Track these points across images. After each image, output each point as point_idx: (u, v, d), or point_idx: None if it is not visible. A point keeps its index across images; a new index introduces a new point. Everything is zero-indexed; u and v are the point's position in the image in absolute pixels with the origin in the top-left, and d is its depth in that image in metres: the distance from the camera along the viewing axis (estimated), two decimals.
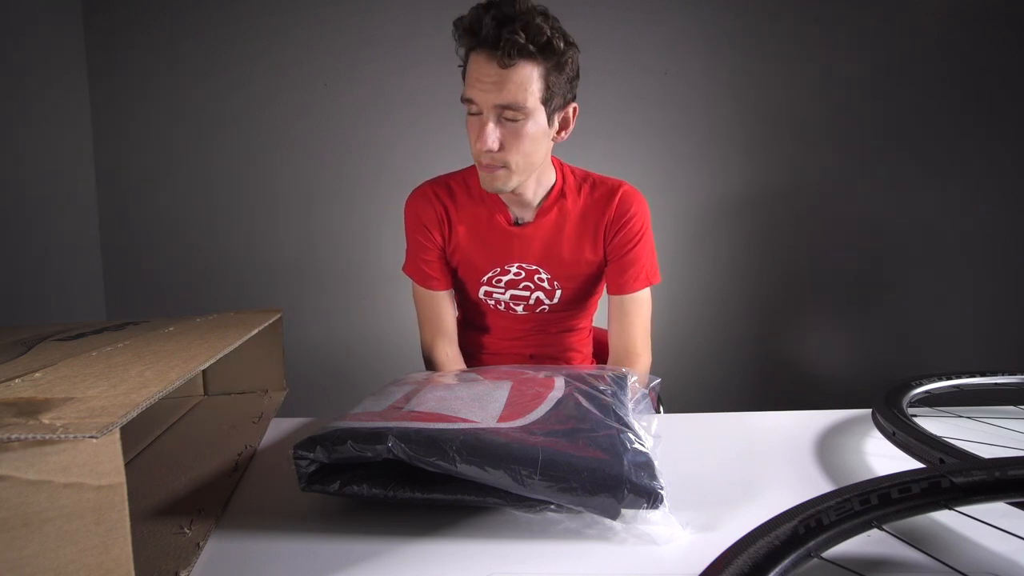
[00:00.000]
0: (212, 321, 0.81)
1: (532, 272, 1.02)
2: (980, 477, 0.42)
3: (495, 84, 0.81)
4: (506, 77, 0.81)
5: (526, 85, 0.82)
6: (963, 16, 1.92)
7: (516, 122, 0.84)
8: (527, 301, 1.05)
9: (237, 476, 0.65)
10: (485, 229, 1.01)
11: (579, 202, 1.00)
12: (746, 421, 0.81)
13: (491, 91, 0.82)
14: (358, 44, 2.00)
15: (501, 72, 0.81)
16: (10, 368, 0.53)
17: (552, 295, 1.04)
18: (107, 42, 2.01)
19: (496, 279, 1.03)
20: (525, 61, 0.81)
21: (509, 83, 0.81)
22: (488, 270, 1.03)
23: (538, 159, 0.91)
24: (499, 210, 1.00)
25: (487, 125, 0.84)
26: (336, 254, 2.09)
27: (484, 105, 0.83)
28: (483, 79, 0.82)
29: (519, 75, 0.81)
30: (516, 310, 1.06)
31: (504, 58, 0.79)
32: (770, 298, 2.07)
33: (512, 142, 0.85)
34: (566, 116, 0.91)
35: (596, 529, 0.53)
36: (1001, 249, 1.98)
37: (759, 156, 2.02)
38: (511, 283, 1.03)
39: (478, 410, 0.61)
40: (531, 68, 0.82)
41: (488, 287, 1.04)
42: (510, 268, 1.02)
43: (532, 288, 1.03)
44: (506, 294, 1.04)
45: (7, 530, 0.35)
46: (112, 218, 2.07)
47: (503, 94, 0.82)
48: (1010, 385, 0.79)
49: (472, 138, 0.87)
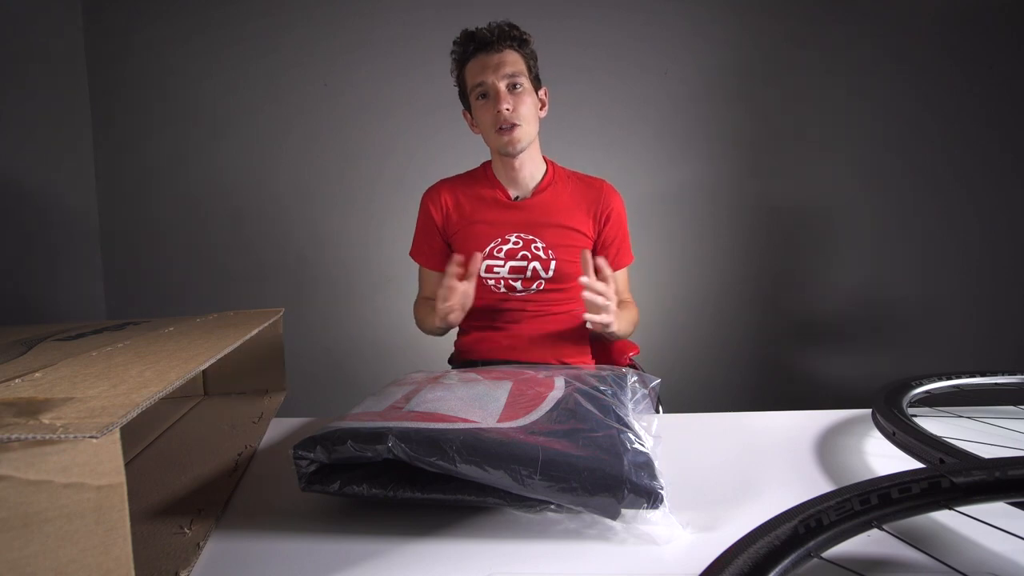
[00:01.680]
0: (212, 321, 0.81)
1: (529, 241, 1.18)
2: (980, 477, 0.42)
3: (498, 65, 1.11)
4: (504, 59, 1.12)
5: (518, 64, 1.13)
6: (963, 16, 1.92)
7: (518, 88, 1.12)
8: (524, 275, 1.18)
9: (237, 476, 0.65)
10: (487, 205, 1.21)
11: (569, 186, 1.23)
12: (746, 421, 0.81)
13: (497, 70, 1.11)
14: (358, 44, 2.00)
15: (500, 56, 1.12)
16: (10, 368, 0.53)
17: (547, 266, 1.18)
18: (107, 42, 2.01)
19: (497, 249, 1.18)
20: (511, 50, 1.13)
21: (507, 62, 1.12)
22: (490, 241, 1.18)
23: (536, 124, 1.17)
24: (499, 188, 1.22)
25: (501, 92, 1.11)
26: (336, 254, 2.09)
27: (494, 79, 1.11)
28: (489, 65, 1.11)
29: (511, 57, 1.13)
30: (515, 287, 1.19)
31: (498, 47, 1.11)
32: (770, 298, 2.07)
33: (519, 103, 1.13)
34: (542, 97, 1.20)
35: (596, 529, 0.53)
36: (1001, 249, 1.98)
37: (759, 156, 2.02)
38: (510, 253, 1.18)
39: (478, 410, 0.61)
40: (515, 54, 1.14)
41: (490, 260, 1.18)
42: (509, 237, 1.18)
43: (529, 258, 1.18)
44: (505, 266, 1.18)
45: (7, 530, 0.35)
46: (112, 218, 2.07)
47: (507, 67, 1.12)
48: (1010, 385, 0.79)
49: (489, 113, 1.12)
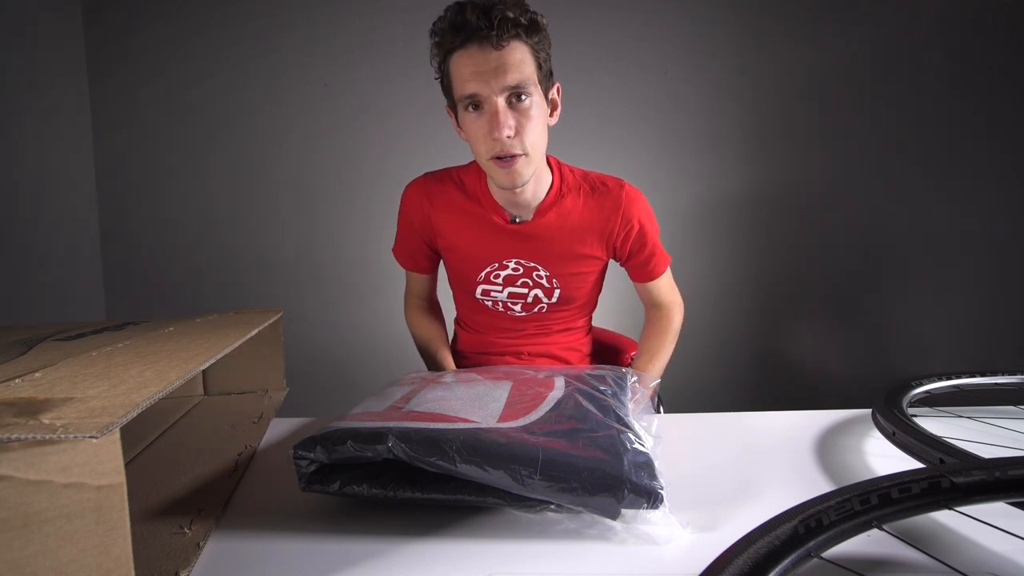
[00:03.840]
0: (212, 321, 0.81)
1: (531, 269, 0.99)
2: (980, 477, 0.42)
3: (497, 69, 0.79)
4: (505, 59, 0.79)
5: (525, 63, 0.80)
6: (963, 16, 1.91)
7: (524, 102, 0.82)
8: (525, 300, 1.02)
9: (237, 476, 0.65)
10: (481, 228, 0.98)
11: (579, 202, 0.97)
12: (746, 421, 0.81)
13: (496, 76, 0.79)
14: (358, 44, 2.00)
15: (499, 55, 0.79)
16: (10, 368, 0.53)
17: (551, 293, 1.01)
18: (107, 42, 2.01)
19: (494, 274, 1.00)
20: (517, 41, 0.80)
21: (510, 64, 0.79)
22: (485, 265, 1.00)
23: (545, 143, 0.89)
24: (495, 211, 0.97)
25: (499, 112, 0.80)
26: (336, 254, 2.09)
27: (492, 93, 0.80)
28: (482, 68, 0.79)
29: (516, 55, 0.79)
30: (514, 310, 1.04)
31: (499, 40, 0.78)
32: (770, 298, 2.07)
33: (525, 124, 0.83)
34: (554, 97, 0.90)
35: (596, 529, 0.53)
36: (1001, 249, 1.98)
37: (759, 156, 2.02)
38: (509, 279, 1.00)
39: (478, 410, 0.61)
40: (522, 47, 0.80)
41: (486, 284, 1.02)
42: (508, 263, 0.99)
43: (530, 285, 1.00)
44: (504, 292, 1.01)
45: (7, 530, 0.35)
46: (112, 218, 2.07)
47: (510, 75, 0.79)
48: (1010, 385, 0.79)
49: (481, 135, 0.84)
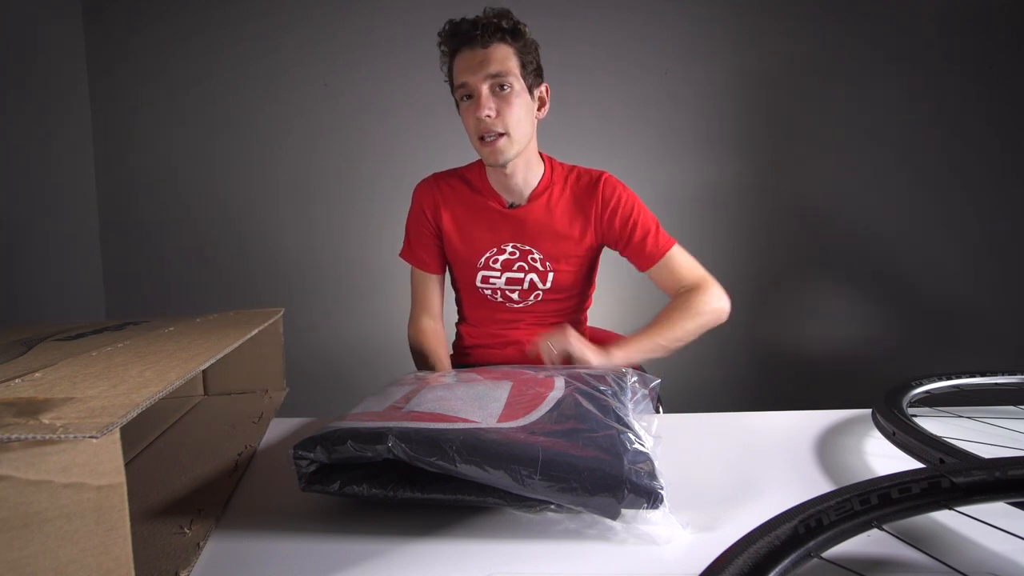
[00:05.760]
0: (212, 321, 0.81)
1: (526, 252, 1.10)
2: (980, 477, 0.42)
3: (482, 62, 0.98)
4: (489, 55, 0.98)
5: (506, 59, 0.99)
6: (963, 16, 1.91)
7: (504, 90, 0.98)
8: (521, 286, 1.11)
9: (237, 476, 0.65)
10: (481, 213, 1.11)
11: (567, 189, 1.10)
12: (746, 421, 0.81)
13: (480, 68, 0.98)
14: (358, 44, 2.00)
15: (484, 52, 0.98)
16: (10, 368, 0.53)
17: (545, 278, 1.10)
18: (107, 42, 2.01)
19: (493, 259, 1.10)
20: (500, 42, 0.98)
21: (493, 58, 0.98)
22: (485, 250, 1.10)
23: (528, 129, 1.03)
24: (493, 197, 1.11)
25: (481, 96, 0.98)
26: (336, 254, 2.09)
27: (476, 80, 0.98)
28: (470, 62, 0.98)
29: (499, 52, 0.98)
30: (512, 298, 1.13)
31: (484, 41, 0.97)
32: (770, 298, 2.07)
33: (505, 108, 0.99)
34: (541, 95, 1.07)
35: (596, 529, 0.53)
36: (1001, 249, 1.98)
37: (759, 155, 2.02)
38: (507, 264, 1.10)
39: (478, 410, 0.61)
40: (506, 48, 0.99)
41: (485, 271, 1.11)
42: (505, 247, 1.10)
43: (526, 269, 1.10)
44: (501, 278, 1.11)
45: (7, 530, 0.35)
46: (112, 218, 2.07)
47: (490, 66, 0.98)
48: (1010, 385, 0.79)
49: (470, 117, 1.00)
